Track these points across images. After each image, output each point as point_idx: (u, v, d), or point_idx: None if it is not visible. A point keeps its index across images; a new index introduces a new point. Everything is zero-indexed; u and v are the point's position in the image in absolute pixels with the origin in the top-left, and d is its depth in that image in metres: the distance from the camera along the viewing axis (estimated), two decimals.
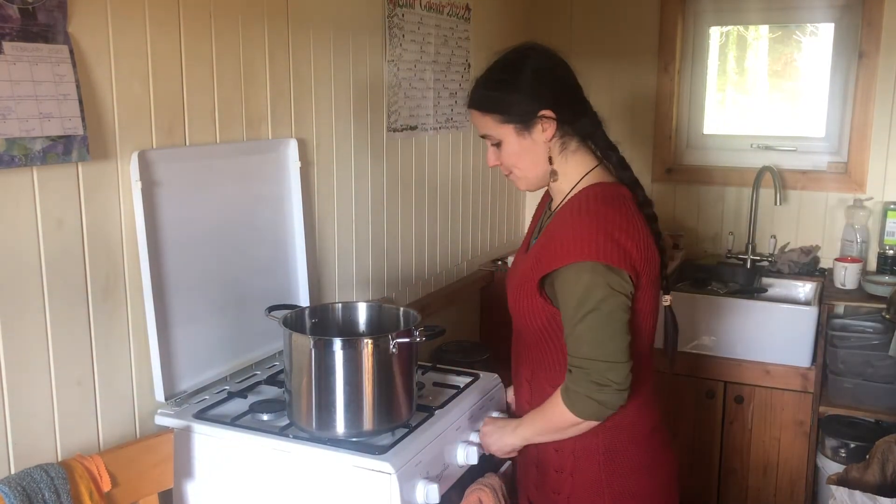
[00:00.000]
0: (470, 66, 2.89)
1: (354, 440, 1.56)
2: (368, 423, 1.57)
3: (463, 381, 1.90)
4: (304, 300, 2.04)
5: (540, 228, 1.68)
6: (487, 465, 1.74)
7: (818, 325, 2.71)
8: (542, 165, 1.59)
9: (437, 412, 1.69)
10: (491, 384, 1.89)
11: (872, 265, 3.00)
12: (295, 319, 1.69)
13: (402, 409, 1.61)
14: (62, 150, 1.41)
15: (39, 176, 1.40)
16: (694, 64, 3.32)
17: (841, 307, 2.89)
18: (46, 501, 1.30)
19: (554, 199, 1.66)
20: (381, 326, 1.78)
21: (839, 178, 3.08)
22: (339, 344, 1.55)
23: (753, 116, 3.40)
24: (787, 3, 3.17)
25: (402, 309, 1.77)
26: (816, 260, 3.11)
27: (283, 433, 1.58)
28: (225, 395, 1.76)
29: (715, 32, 3.33)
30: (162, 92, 1.63)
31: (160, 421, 1.65)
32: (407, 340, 1.57)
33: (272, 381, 1.86)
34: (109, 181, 1.54)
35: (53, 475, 1.32)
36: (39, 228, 1.41)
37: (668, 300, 1.69)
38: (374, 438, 1.57)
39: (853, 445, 2.66)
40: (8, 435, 1.38)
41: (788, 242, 3.19)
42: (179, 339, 1.69)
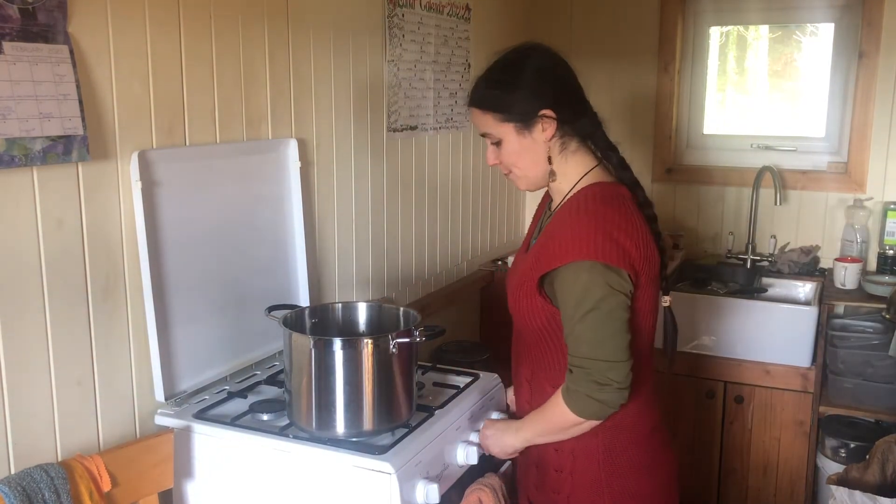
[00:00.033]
0: (470, 66, 2.89)
1: (354, 440, 1.56)
2: (368, 423, 1.57)
3: (463, 381, 1.90)
4: (304, 300, 2.04)
5: (540, 228, 1.68)
6: (487, 465, 1.74)
7: (818, 325, 2.71)
8: (541, 165, 1.59)
9: (437, 412, 1.69)
10: (491, 384, 1.89)
11: (872, 265, 3.00)
12: (295, 319, 1.69)
13: (402, 409, 1.61)
14: (62, 150, 1.41)
15: (39, 176, 1.40)
16: (694, 64, 3.32)
17: (841, 307, 2.89)
18: (46, 501, 1.30)
19: (553, 199, 1.66)
20: (381, 326, 1.78)
21: (839, 178, 3.08)
22: (339, 344, 1.55)
23: (753, 116, 3.40)
24: (787, 3, 3.17)
25: (402, 309, 1.77)
26: (816, 260, 3.11)
27: (283, 433, 1.58)
28: (225, 395, 1.76)
29: (715, 32, 3.33)
30: (162, 92, 1.63)
31: (160, 421, 1.65)
32: (407, 340, 1.58)
33: (272, 381, 1.86)
34: (109, 181, 1.54)
35: (53, 475, 1.32)
36: (39, 228, 1.41)
37: (667, 301, 1.69)
38: (374, 438, 1.57)
39: (853, 445, 2.66)
40: (8, 435, 1.38)
41: (788, 242, 3.19)
42: (179, 339, 1.69)
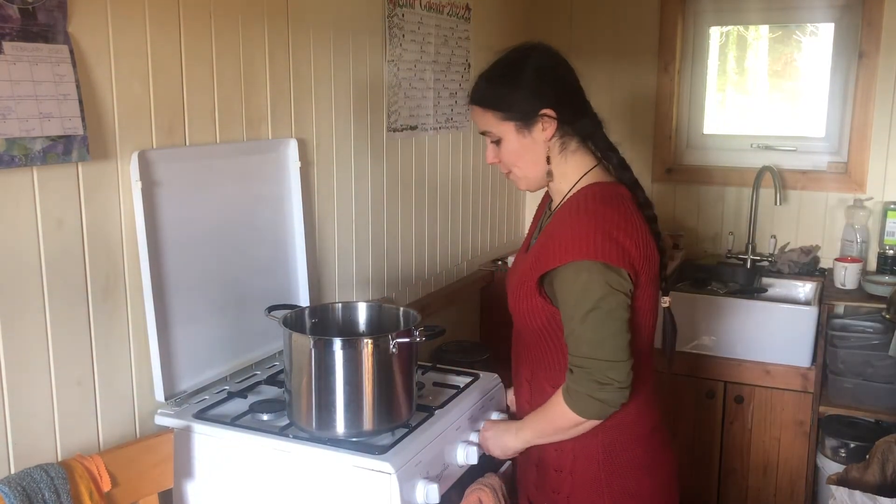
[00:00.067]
0: (470, 66, 2.89)
1: (354, 440, 1.56)
2: (368, 423, 1.57)
3: (463, 381, 1.90)
4: (304, 300, 2.04)
5: (540, 228, 1.68)
6: (487, 465, 1.74)
7: (818, 325, 2.71)
8: (540, 165, 1.59)
9: (437, 412, 1.69)
10: (491, 384, 1.89)
11: (872, 265, 3.00)
12: (295, 319, 1.69)
13: (402, 409, 1.61)
14: (62, 150, 1.41)
15: (39, 176, 1.40)
16: (694, 64, 3.32)
17: (841, 307, 2.89)
18: (46, 501, 1.30)
19: (553, 199, 1.66)
20: (381, 326, 1.78)
21: (839, 178, 3.08)
22: (339, 344, 1.55)
23: (753, 116, 3.40)
24: (787, 3, 3.17)
25: (402, 309, 1.77)
26: (816, 260, 3.11)
27: (283, 433, 1.58)
28: (225, 395, 1.76)
29: (715, 32, 3.33)
30: (162, 92, 1.63)
31: (160, 421, 1.65)
32: (407, 340, 1.57)
33: (272, 381, 1.86)
34: (109, 181, 1.54)
35: (53, 475, 1.32)
36: (39, 228, 1.41)
37: (667, 301, 1.69)
38: (374, 438, 1.57)
39: (853, 445, 2.66)
40: (8, 435, 1.38)
41: (788, 242, 3.19)
42: (179, 339, 1.69)
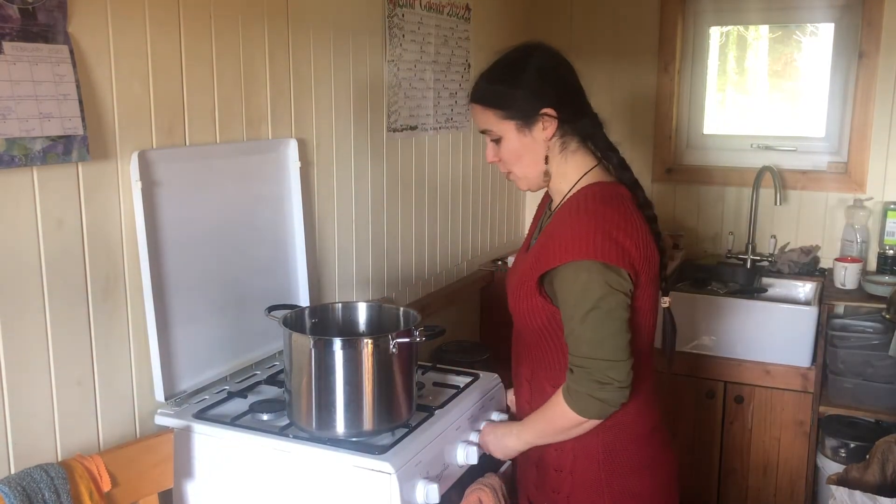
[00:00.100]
0: (470, 66, 2.89)
1: (354, 440, 1.56)
2: (368, 423, 1.57)
3: (463, 381, 1.90)
4: (304, 300, 2.04)
5: (540, 228, 1.69)
6: (487, 464, 1.74)
7: (818, 325, 2.71)
8: (539, 164, 1.59)
9: (437, 412, 1.69)
10: (491, 384, 1.89)
11: (872, 265, 3.00)
12: (295, 319, 1.69)
13: (402, 409, 1.61)
14: (62, 150, 1.41)
15: (39, 176, 1.40)
16: (694, 64, 3.32)
17: (841, 307, 2.89)
18: (46, 501, 1.30)
19: (553, 199, 1.66)
20: (381, 326, 1.78)
21: (839, 178, 3.08)
22: (339, 344, 1.55)
23: (753, 116, 3.40)
24: (787, 3, 3.17)
25: (402, 309, 1.77)
26: (816, 260, 3.11)
27: (283, 433, 1.58)
28: (225, 395, 1.76)
29: (715, 32, 3.33)
30: (162, 92, 1.63)
31: (160, 421, 1.65)
32: (407, 340, 1.57)
33: (272, 381, 1.86)
34: (109, 181, 1.54)
35: (53, 475, 1.32)
36: (39, 228, 1.41)
37: (666, 302, 1.69)
38: (374, 438, 1.57)
39: (853, 445, 2.66)
40: (8, 435, 1.38)
41: (788, 242, 3.19)
42: (179, 339, 1.69)
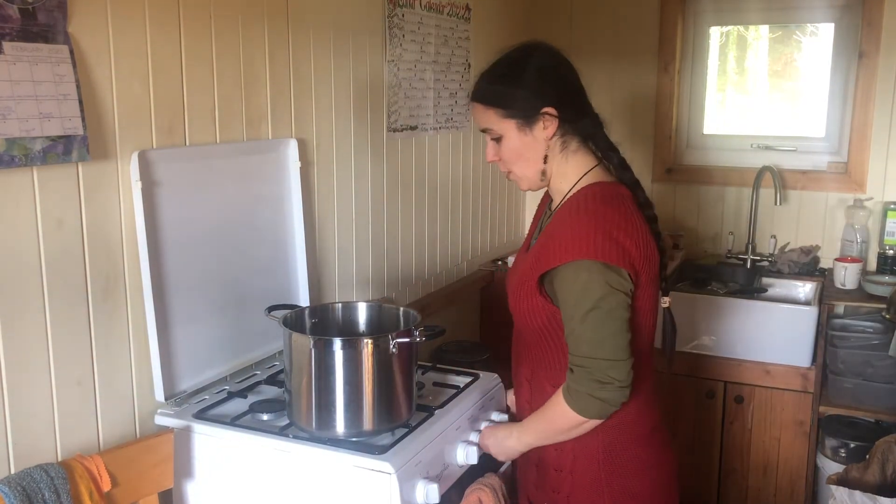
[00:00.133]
0: (470, 66, 2.89)
1: (354, 440, 1.56)
2: (368, 423, 1.57)
3: (463, 381, 1.90)
4: (304, 300, 2.04)
5: (540, 228, 1.69)
6: (487, 464, 1.74)
7: (818, 325, 2.71)
8: (538, 164, 1.59)
9: (437, 412, 1.69)
10: (491, 384, 1.89)
11: (872, 265, 3.00)
12: (295, 319, 1.69)
13: (402, 408, 1.61)
14: (62, 150, 1.41)
15: (39, 176, 1.40)
16: (694, 64, 3.32)
17: (841, 307, 2.89)
18: (46, 501, 1.30)
19: (553, 199, 1.66)
20: (381, 326, 1.78)
21: (839, 178, 3.08)
22: (339, 344, 1.55)
23: (753, 116, 3.40)
24: (787, 3, 3.17)
25: (402, 309, 1.77)
26: (816, 260, 3.11)
27: (283, 433, 1.58)
28: (225, 395, 1.76)
29: (715, 32, 3.33)
30: (162, 92, 1.63)
31: (160, 421, 1.65)
32: (407, 340, 1.57)
33: (272, 381, 1.86)
34: (109, 181, 1.54)
35: (53, 475, 1.32)
36: (39, 228, 1.41)
37: (666, 302, 1.69)
38: (374, 438, 1.57)
39: (853, 445, 2.66)
40: (8, 435, 1.38)
41: (788, 242, 3.19)
42: (179, 339, 1.69)
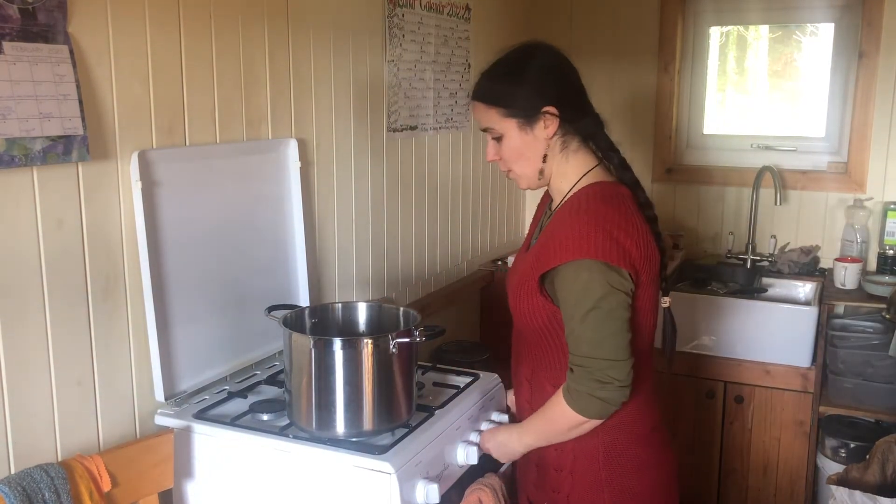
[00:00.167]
0: (470, 66, 2.89)
1: (354, 440, 1.56)
2: (368, 423, 1.57)
3: (463, 381, 1.90)
4: (304, 300, 2.04)
5: (540, 228, 1.69)
6: (487, 465, 1.74)
7: (818, 325, 2.71)
8: (538, 163, 1.59)
9: (437, 412, 1.69)
10: (491, 384, 1.89)
11: (872, 265, 3.00)
12: (295, 319, 1.69)
13: (402, 409, 1.61)
14: (62, 150, 1.41)
15: (39, 176, 1.40)
16: (694, 64, 3.32)
17: (841, 307, 2.89)
18: (46, 501, 1.30)
19: (553, 198, 1.66)
20: (381, 326, 1.78)
21: (839, 178, 3.08)
22: (339, 344, 1.55)
23: (753, 116, 3.40)
24: (787, 3, 3.17)
25: (402, 309, 1.77)
26: (816, 260, 3.11)
27: (283, 433, 1.58)
28: (225, 395, 1.76)
29: (715, 32, 3.33)
30: (162, 92, 1.63)
31: (160, 421, 1.65)
32: (407, 340, 1.57)
33: (272, 381, 1.86)
34: (109, 181, 1.54)
35: (53, 475, 1.32)
36: (39, 228, 1.41)
37: (666, 302, 1.69)
38: (374, 438, 1.57)
39: (853, 445, 2.66)
40: (8, 435, 1.38)
41: (788, 242, 3.19)
42: (179, 339, 1.69)
